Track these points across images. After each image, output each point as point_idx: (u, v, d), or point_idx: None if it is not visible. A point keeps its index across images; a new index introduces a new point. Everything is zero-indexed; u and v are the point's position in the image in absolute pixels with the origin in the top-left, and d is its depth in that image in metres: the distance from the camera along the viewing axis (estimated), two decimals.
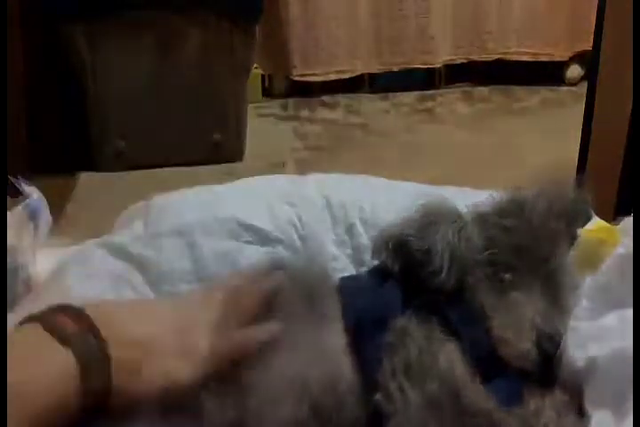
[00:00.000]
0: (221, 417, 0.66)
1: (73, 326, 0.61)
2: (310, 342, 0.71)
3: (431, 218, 0.78)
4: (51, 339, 0.60)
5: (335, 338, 0.72)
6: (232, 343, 0.68)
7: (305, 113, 3.01)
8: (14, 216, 1.10)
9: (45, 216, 1.19)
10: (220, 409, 0.67)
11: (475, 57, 3.17)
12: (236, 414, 0.67)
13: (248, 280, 0.76)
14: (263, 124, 2.90)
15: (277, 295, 0.73)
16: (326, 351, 0.71)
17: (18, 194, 1.12)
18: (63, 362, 0.59)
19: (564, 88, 3.18)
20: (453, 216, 0.79)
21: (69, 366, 0.59)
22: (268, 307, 0.73)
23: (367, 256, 0.90)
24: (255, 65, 2.77)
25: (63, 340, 0.60)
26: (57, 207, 2.02)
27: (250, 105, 2.76)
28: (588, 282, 0.72)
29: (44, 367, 0.58)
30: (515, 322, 0.72)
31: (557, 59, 3.16)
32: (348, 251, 0.93)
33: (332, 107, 3.07)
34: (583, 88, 1.89)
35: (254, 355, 0.68)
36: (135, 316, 0.68)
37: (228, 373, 0.68)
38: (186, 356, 0.66)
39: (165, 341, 0.66)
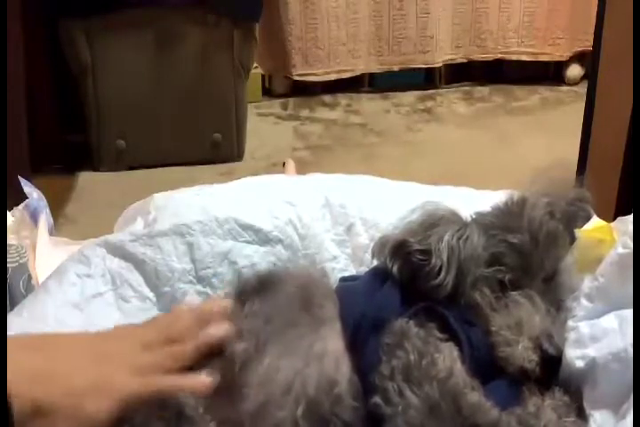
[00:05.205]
0: (218, 417, 0.66)
1: None
2: (308, 344, 0.71)
3: (431, 220, 0.78)
4: None
5: (333, 339, 0.72)
6: (152, 389, 0.63)
7: (305, 113, 3.01)
8: (15, 216, 1.11)
9: (45, 216, 1.19)
10: (217, 409, 0.66)
11: (474, 57, 3.17)
12: (233, 414, 0.67)
13: (192, 321, 0.69)
14: (263, 124, 2.90)
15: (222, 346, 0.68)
16: (324, 353, 0.71)
17: (21, 197, 1.12)
18: None
19: (564, 88, 3.18)
20: (453, 218, 0.79)
21: None
22: (209, 353, 0.68)
23: (367, 256, 0.89)
24: (255, 65, 2.77)
25: None
26: (57, 207, 2.03)
27: (250, 105, 2.76)
28: (588, 282, 0.72)
29: None
30: (514, 322, 0.72)
31: (557, 59, 3.16)
32: (348, 250, 0.93)
33: (331, 106, 3.07)
34: (583, 88, 1.89)
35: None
36: (48, 351, 0.64)
37: (226, 373, 0.68)
38: (101, 392, 0.61)
39: (79, 377, 0.62)
